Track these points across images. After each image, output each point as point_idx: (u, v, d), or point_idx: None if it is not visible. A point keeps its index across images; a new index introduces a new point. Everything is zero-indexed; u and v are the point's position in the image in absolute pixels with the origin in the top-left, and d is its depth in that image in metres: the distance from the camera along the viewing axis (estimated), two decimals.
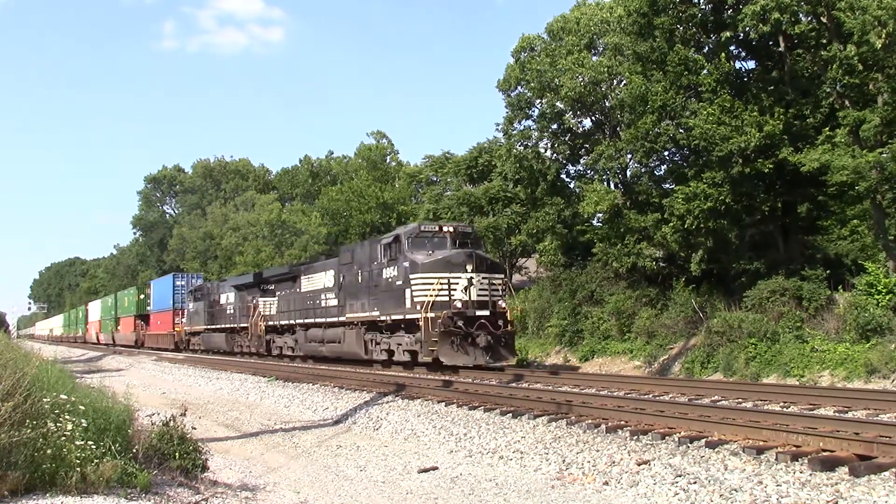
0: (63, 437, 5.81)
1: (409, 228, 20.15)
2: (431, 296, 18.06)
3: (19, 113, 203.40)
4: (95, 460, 5.85)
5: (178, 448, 7.15)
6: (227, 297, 35.11)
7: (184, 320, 42.46)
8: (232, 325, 33.79)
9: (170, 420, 7.42)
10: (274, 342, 29.40)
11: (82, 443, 5.91)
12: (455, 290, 18.37)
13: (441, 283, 18.29)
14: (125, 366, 32.79)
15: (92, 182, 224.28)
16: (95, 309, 71.85)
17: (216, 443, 11.00)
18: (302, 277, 26.95)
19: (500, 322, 18.75)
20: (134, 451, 6.61)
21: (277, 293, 29.63)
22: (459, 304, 18.18)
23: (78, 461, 5.72)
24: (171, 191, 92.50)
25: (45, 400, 6.15)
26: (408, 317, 18.87)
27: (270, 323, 29.45)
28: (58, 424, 5.88)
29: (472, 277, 18.57)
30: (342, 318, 22.76)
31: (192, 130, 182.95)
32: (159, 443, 7.10)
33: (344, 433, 11.73)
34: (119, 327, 58.78)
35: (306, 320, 25.84)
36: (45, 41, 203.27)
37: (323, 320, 24.36)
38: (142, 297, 52.79)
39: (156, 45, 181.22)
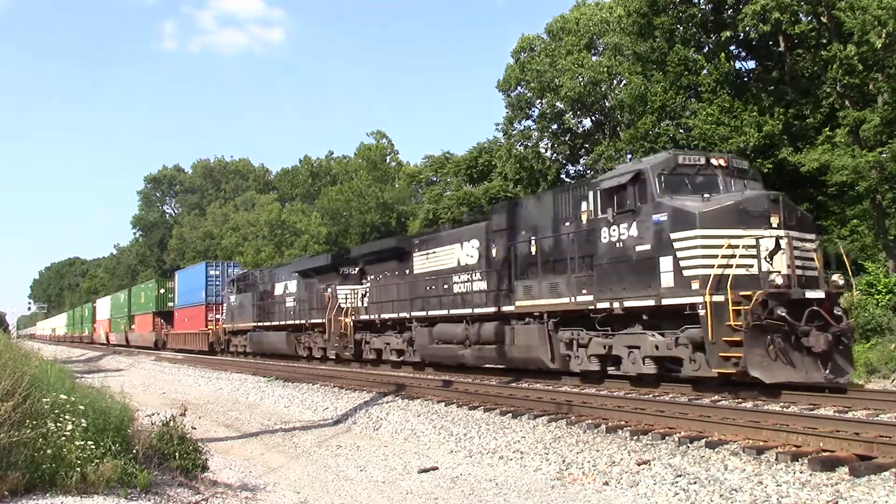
0: (63, 437, 5.81)
1: (659, 160, 13.07)
2: (720, 266, 11.23)
3: (19, 113, 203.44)
4: (95, 460, 5.85)
5: (178, 448, 7.15)
6: (287, 287, 28.51)
7: (221, 316, 36.01)
8: (295, 322, 27.12)
9: (170, 420, 7.42)
10: (369, 343, 22.74)
11: (82, 443, 5.91)
12: (760, 257, 11.59)
13: (737, 246, 11.30)
14: (125, 366, 32.78)
15: (92, 182, 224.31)
16: (104, 306, 65.94)
17: (216, 443, 11.00)
18: (415, 255, 20.42)
19: (837, 311, 11.96)
20: (134, 451, 6.61)
21: (370, 277, 23.33)
22: (780, 281, 11.22)
23: (78, 461, 5.72)
24: (171, 191, 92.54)
25: (44, 400, 6.15)
26: (665, 302, 11.90)
27: (363, 317, 22.73)
28: (58, 424, 5.88)
29: (783, 237, 11.66)
30: (507, 308, 15.99)
31: (192, 130, 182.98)
32: (159, 443, 7.10)
33: (344, 433, 11.73)
34: (134, 326, 53.27)
35: (429, 312, 19.14)
36: (44, 41, 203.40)
37: (465, 312, 17.57)
38: (162, 291, 47.38)
39: (156, 45, 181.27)
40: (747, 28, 21.83)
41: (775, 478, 6.73)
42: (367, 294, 22.98)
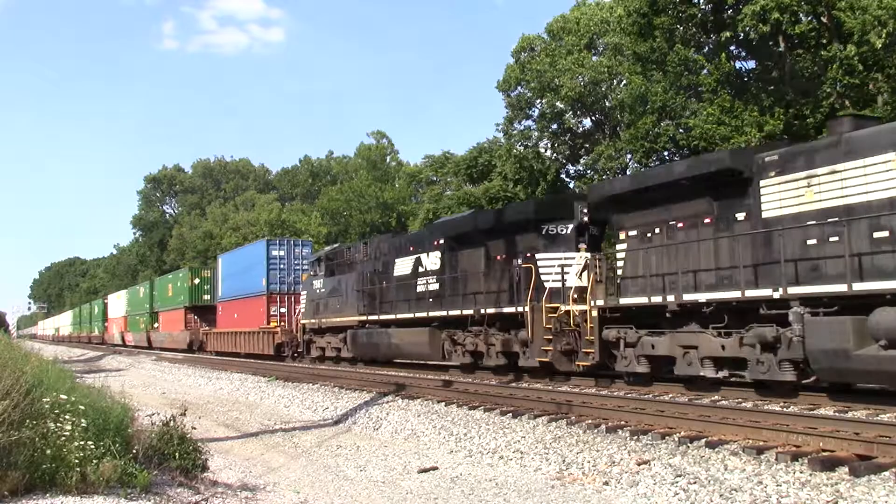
0: (63, 437, 5.81)
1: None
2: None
3: (19, 113, 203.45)
4: (95, 460, 5.85)
5: (178, 448, 7.14)
6: (420, 262, 19.68)
7: (301, 309, 27.43)
8: (440, 313, 18.33)
9: (170, 420, 7.41)
10: (632, 346, 13.12)
11: (82, 443, 5.91)
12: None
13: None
14: (125, 366, 32.78)
15: (92, 182, 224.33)
16: (119, 302, 58.45)
17: (216, 443, 11.00)
18: (769, 178, 11.18)
19: None
20: (134, 451, 6.61)
21: (630, 234, 13.81)
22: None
23: (78, 461, 5.72)
24: (171, 191, 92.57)
25: (44, 400, 6.15)
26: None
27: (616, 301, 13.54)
28: (57, 424, 5.88)
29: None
30: None
31: (192, 130, 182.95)
32: (159, 443, 7.10)
33: (344, 433, 11.74)
34: (157, 325, 46.43)
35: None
36: (45, 41, 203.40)
37: None
38: (196, 280, 39.99)
39: (156, 45, 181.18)
40: (747, 28, 21.84)
41: (775, 478, 6.73)
42: (624, 262, 13.72)
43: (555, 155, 35.46)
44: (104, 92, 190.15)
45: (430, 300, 18.90)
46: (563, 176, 35.41)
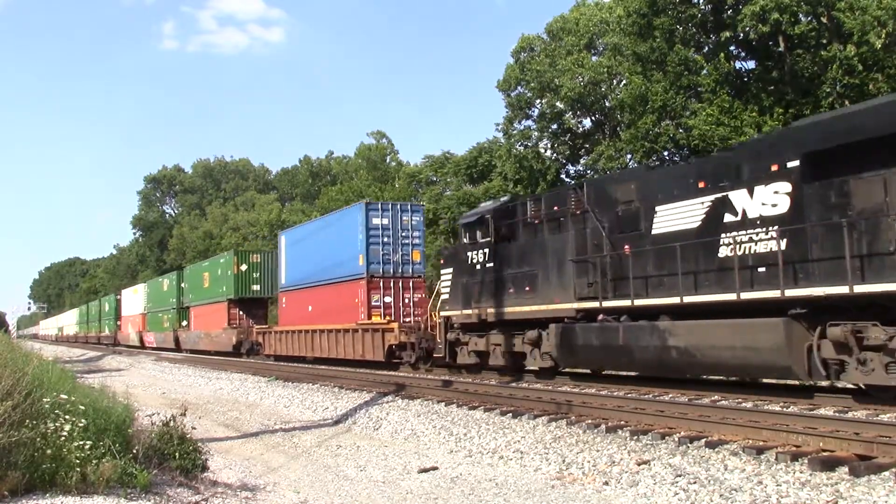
0: (63, 437, 5.81)
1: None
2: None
3: (19, 113, 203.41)
4: (95, 460, 5.85)
5: (178, 448, 7.14)
6: (728, 205, 11.56)
7: (445, 296, 18.46)
8: (808, 292, 10.12)
9: (170, 420, 7.42)
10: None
11: (82, 443, 5.91)
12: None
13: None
14: (125, 366, 32.78)
15: (92, 182, 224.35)
16: (136, 298, 51.84)
17: (216, 443, 11.00)
18: None
19: None
20: (134, 451, 6.61)
21: None
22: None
23: (78, 461, 5.72)
24: (170, 191, 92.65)
25: (44, 400, 6.15)
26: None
27: None
28: (57, 424, 5.88)
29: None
30: None
31: (192, 130, 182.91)
32: (159, 443, 7.10)
33: (344, 433, 11.74)
34: (188, 322, 39.74)
35: None
36: (44, 41, 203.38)
37: None
38: (244, 267, 32.75)
39: (156, 45, 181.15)
40: (747, 28, 21.87)
41: (775, 478, 6.73)
42: None
43: (555, 155, 35.47)
44: (104, 92, 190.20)
45: (762, 271, 10.99)
46: (563, 176, 35.41)
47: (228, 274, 33.26)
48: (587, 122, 35.30)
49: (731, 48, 24.23)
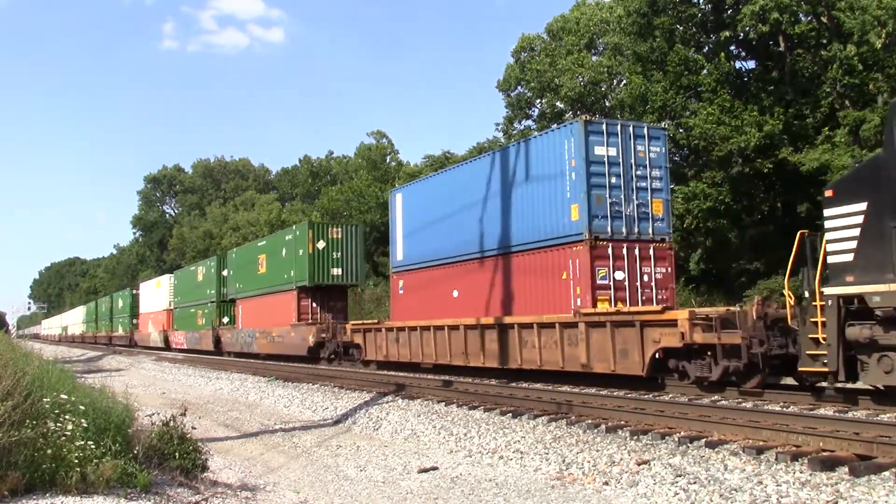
0: (63, 437, 5.81)
1: None
2: None
3: (19, 113, 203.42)
4: (95, 460, 5.85)
5: (178, 448, 7.14)
6: None
7: (845, 255, 9.62)
8: None
9: (170, 420, 7.41)
10: None
11: (82, 443, 5.91)
12: None
13: None
14: (125, 366, 32.78)
15: (92, 182, 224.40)
16: (158, 291, 44.85)
17: (216, 443, 11.00)
18: None
19: None
20: (134, 451, 6.61)
21: None
22: None
23: (78, 461, 5.72)
24: (170, 191, 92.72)
25: (45, 400, 6.15)
26: None
27: None
28: (58, 424, 5.88)
29: None
30: None
31: (192, 130, 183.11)
32: (159, 443, 7.10)
33: (344, 433, 11.74)
34: (231, 319, 32.99)
35: None
36: (44, 41, 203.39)
37: None
38: (321, 245, 25.50)
39: (156, 45, 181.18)
40: (747, 28, 21.88)
41: (775, 478, 6.73)
42: None
43: None
44: (104, 92, 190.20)
45: None
46: None
47: (300, 254, 25.64)
48: None
49: (731, 48, 24.24)
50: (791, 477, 6.72)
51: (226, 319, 34.19)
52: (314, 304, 26.19)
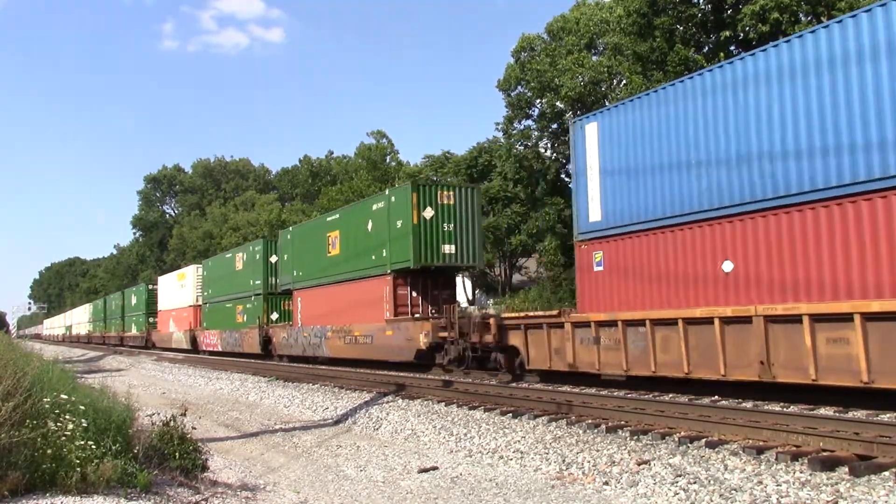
0: (63, 437, 5.82)
1: None
2: None
3: (19, 113, 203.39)
4: (95, 460, 5.85)
5: (178, 448, 7.15)
6: None
7: None
8: None
9: (170, 420, 7.42)
10: None
11: (82, 443, 5.91)
12: None
13: None
14: (125, 366, 32.79)
15: (92, 182, 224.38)
16: (184, 284, 39.30)
17: (216, 443, 11.01)
18: None
19: None
20: (134, 451, 6.62)
21: None
22: None
23: (78, 461, 5.72)
24: (170, 191, 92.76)
25: (45, 400, 6.16)
26: None
27: None
28: (58, 424, 5.89)
29: None
30: None
31: (192, 130, 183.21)
32: (159, 443, 7.10)
33: (344, 433, 11.74)
34: (283, 316, 28.15)
35: None
36: (45, 41, 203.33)
37: None
38: (428, 214, 19.40)
39: (156, 45, 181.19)
40: (747, 28, 21.86)
41: (775, 478, 6.73)
42: None
43: (555, 155, 35.46)
44: (104, 92, 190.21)
45: None
46: (563, 176, 35.40)
47: (398, 226, 19.54)
48: None
49: (731, 48, 24.22)
50: (791, 477, 6.72)
51: (275, 316, 28.71)
52: (414, 293, 19.92)
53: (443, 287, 20.52)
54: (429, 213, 19.35)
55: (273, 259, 29.07)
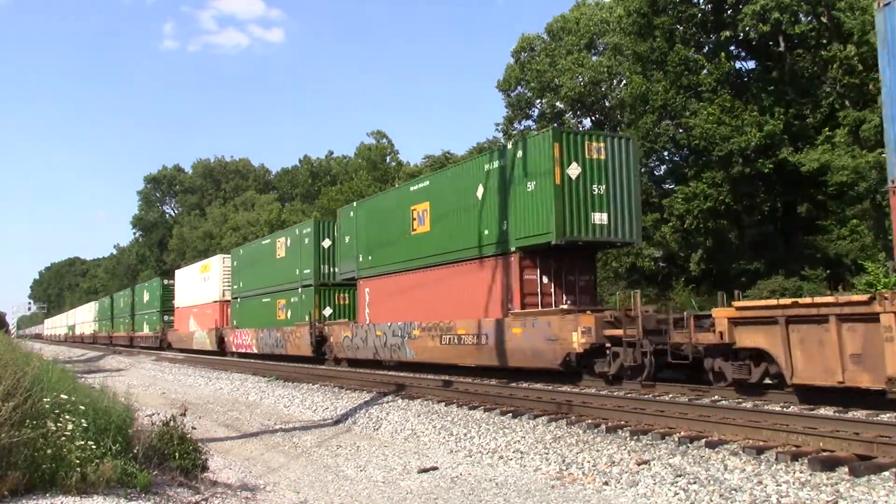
0: (63, 437, 5.81)
1: None
2: None
3: (19, 113, 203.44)
4: (95, 460, 5.85)
5: (178, 448, 7.14)
6: None
7: None
8: None
9: (170, 420, 7.42)
10: None
11: (82, 443, 5.91)
12: None
13: None
14: (125, 366, 32.78)
15: (92, 182, 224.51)
16: (208, 278, 35.23)
17: (216, 443, 11.01)
18: None
19: None
20: (134, 451, 6.61)
21: None
22: None
23: (78, 461, 5.72)
24: (170, 191, 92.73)
25: (45, 400, 6.15)
26: None
27: None
28: (58, 424, 5.88)
29: None
30: None
31: (192, 130, 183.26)
32: (159, 443, 7.10)
33: (344, 433, 11.74)
34: (333, 312, 24.59)
35: None
36: (45, 41, 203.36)
37: None
38: (573, 171, 14.72)
39: (156, 45, 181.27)
40: (747, 28, 21.88)
41: (775, 478, 6.73)
42: None
43: None
44: (104, 92, 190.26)
45: None
46: None
47: (529, 189, 15.25)
48: (587, 122, 35.27)
49: (732, 48, 24.23)
50: (791, 477, 6.72)
51: (328, 311, 24.55)
52: (545, 279, 15.67)
53: (581, 271, 16.21)
54: (575, 170, 14.97)
55: (326, 244, 24.79)
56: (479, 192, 16.88)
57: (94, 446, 5.99)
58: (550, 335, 14.24)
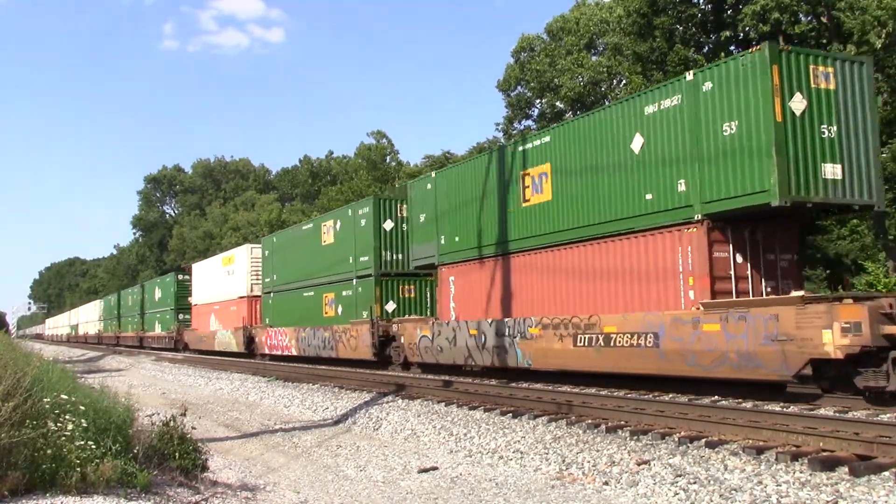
0: (63, 437, 5.81)
1: None
2: None
3: (19, 113, 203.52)
4: (95, 460, 5.85)
5: (178, 448, 7.15)
6: None
7: None
8: None
9: (170, 420, 7.41)
10: None
11: (82, 443, 5.91)
12: None
13: None
14: (125, 366, 32.79)
15: (92, 182, 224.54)
16: (233, 271, 31.92)
17: (216, 443, 11.01)
18: None
19: None
20: (134, 451, 6.61)
21: None
22: None
23: (78, 461, 5.72)
24: (170, 191, 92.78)
25: (45, 400, 6.15)
26: None
27: None
28: (58, 424, 5.89)
29: None
30: None
31: (192, 130, 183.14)
32: (159, 443, 7.10)
33: (344, 433, 11.74)
34: (396, 308, 20.91)
35: None
36: (45, 41, 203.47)
37: None
38: (797, 104, 10.69)
39: (156, 45, 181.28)
40: (747, 28, 21.88)
41: (775, 478, 6.73)
42: None
43: None
44: (104, 92, 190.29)
45: None
46: None
47: (725, 132, 11.54)
48: None
49: (732, 48, 24.23)
50: (791, 477, 6.72)
51: (390, 306, 20.83)
52: (739, 258, 12.02)
53: (783, 247, 12.49)
54: (799, 103, 11.22)
55: (388, 225, 20.91)
56: (637, 143, 13.01)
57: (94, 446, 5.99)
58: (777, 334, 10.30)
